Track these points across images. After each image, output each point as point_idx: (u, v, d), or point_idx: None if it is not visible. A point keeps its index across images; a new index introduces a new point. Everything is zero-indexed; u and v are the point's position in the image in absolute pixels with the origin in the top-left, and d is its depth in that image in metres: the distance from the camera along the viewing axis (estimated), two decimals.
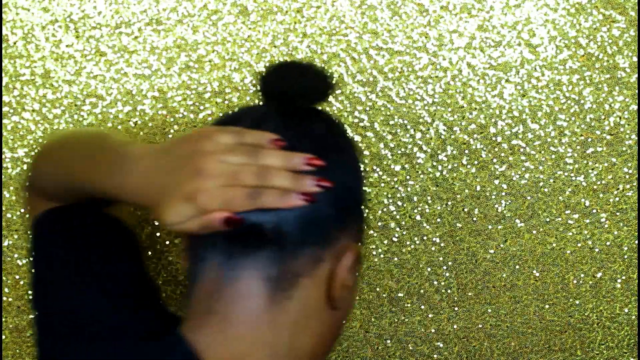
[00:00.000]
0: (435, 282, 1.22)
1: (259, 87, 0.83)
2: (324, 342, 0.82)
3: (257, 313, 0.78)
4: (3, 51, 1.14)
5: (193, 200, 0.74)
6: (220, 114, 1.16)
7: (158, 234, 1.18)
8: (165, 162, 0.77)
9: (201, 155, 0.75)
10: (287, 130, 0.80)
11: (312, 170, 0.78)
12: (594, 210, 1.21)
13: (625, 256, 1.22)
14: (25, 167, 1.15)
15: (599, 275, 1.22)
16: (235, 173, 0.75)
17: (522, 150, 1.19)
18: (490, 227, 1.21)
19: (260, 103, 0.86)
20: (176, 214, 0.74)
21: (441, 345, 1.22)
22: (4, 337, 1.19)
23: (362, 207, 0.86)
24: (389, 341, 1.22)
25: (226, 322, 0.78)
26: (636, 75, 1.18)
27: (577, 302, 1.23)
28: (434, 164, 1.19)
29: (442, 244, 1.21)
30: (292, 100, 0.82)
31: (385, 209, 1.20)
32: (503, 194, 1.20)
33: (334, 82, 0.85)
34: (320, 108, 0.88)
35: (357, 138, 1.18)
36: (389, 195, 1.19)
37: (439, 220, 1.20)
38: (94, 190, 0.84)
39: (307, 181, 0.77)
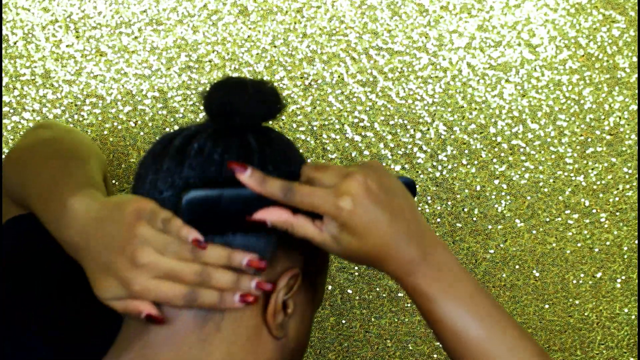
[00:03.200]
0: None
1: (202, 103, 0.80)
2: None
3: (183, 334, 0.75)
4: (3, 51, 1.14)
5: (126, 286, 0.73)
6: None
7: None
8: (101, 235, 0.74)
9: (138, 244, 0.72)
10: (216, 146, 0.78)
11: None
12: (594, 210, 1.21)
13: (625, 256, 1.22)
14: None
15: (598, 275, 1.22)
16: (174, 272, 0.73)
17: (522, 150, 1.19)
18: (490, 227, 1.21)
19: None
20: (107, 292, 0.74)
21: (441, 345, 1.22)
22: None
23: None
24: (389, 341, 1.22)
25: (149, 346, 0.76)
26: (636, 75, 1.18)
27: (577, 302, 1.23)
28: (434, 164, 1.19)
29: None
30: (233, 118, 0.79)
31: None
32: (503, 194, 1.20)
33: (281, 101, 0.80)
34: (269, 127, 0.84)
35: (357, 138, 1.18)
36: None
37: (439, 220, 1.20)
38: (42, 223, 0.82)
39: (248, 283, 0.75)
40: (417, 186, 0.83)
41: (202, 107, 1.12)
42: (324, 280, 0.85)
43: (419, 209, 1.20)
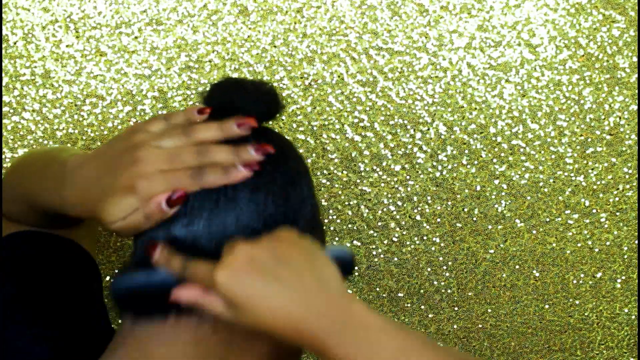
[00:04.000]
0: (435, 282, 1.22)
1: (202, 103, 0.81)
2: None
3: (177, 331, 0.75)
4: (3, 51, 1.14)
5: (133, 190, 0.71)
6: None
7: None
8: (101, 165, 0.74)
9: (135, 147, 0.72)
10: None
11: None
12: (594, 210, 1.21)
13: (625, 256, 1.22)
14: None
15: (599, 275, 1.22)
16: (174, 155, 0.72)
17: (522, 150, 1.19)
18: (490, 227, 1.21)
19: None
20: (118, 209, 0.71)
21: (441, 345, 1.22)
22: None
23: (306, 228, 0.79)
24: None
25: (143, 342, 0.75)
26: (636, 75, 1.18)
27: (577, 302, 1.23)
28: (434, 164, 1.19)
29: (442, 244, 1.21)
30: (232, 117, 0.79)
31: (385, 209, 1.20)
32: (503, 194, 1.20)
33: (280, 101, 0.81)
34: (268, 127, 0.84)
35: (357, 138, 1.18)
36: (389, 195, 1.19)
37: (439, 220, 1.20)
38: (46, 206, 0.82)
39: (248, 150, 0.74)
40: (352, 259, 0.77)
41: None
42: None
43: (419, 208, 1.20)
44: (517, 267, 1.22)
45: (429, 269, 1.21)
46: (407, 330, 0.71)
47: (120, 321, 0.80)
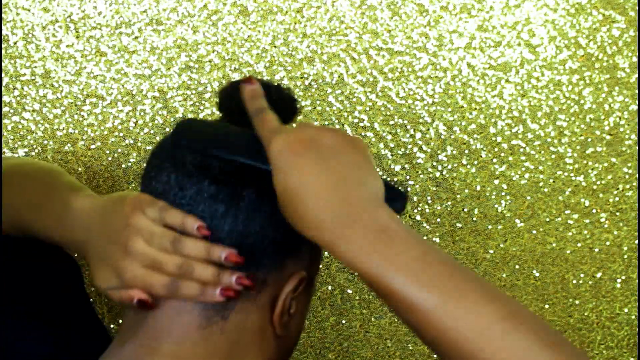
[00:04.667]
0: None
1: (217, 102, 0.83)
2: None
3: (187, 330, 0.76)
4: (3, 51, 1.14)
5: (119, 274, 0.75)
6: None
7: None
8: (102, 227, 0.77)
9: (131, 232, 0.75)
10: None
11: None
12: (594, 210, 1.21)
13: (625, 256, 1.22)
14: None
15: (598, 275, 1.22)
16: (158, 262, 0.75)
17: (522, 150, 1.19)
18: (490, 227, 1.21)
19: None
20: (104, 282, 0.76)
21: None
22: None
23: None
24: (389, 341, 1.22)
25: (153, 338, 0.77)
26: (636, 75, 1.18)
27: (577, 302, 1.23)
28: (434, 164, 1.19)
29: (442, 244, 1.21)
30: (246, 117, 0.79)
31: None
32: (503, 194, 1.20)
33: (295, 105, 0.82)
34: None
35: None
36: None
37: (439, 220, 1.20)
38: (38, 235, 0.85)
39: (228, 278, 0.75)
40: (405, 192, 0.79)
41: (201, 107, 1.12)
42: (316, 278, 0.86)
43: (419, 208, 1.20)
44: (517, 267, 1.22)
45: None
46: (431, 247, 0.72)
47: (121, 321, 0.81)
